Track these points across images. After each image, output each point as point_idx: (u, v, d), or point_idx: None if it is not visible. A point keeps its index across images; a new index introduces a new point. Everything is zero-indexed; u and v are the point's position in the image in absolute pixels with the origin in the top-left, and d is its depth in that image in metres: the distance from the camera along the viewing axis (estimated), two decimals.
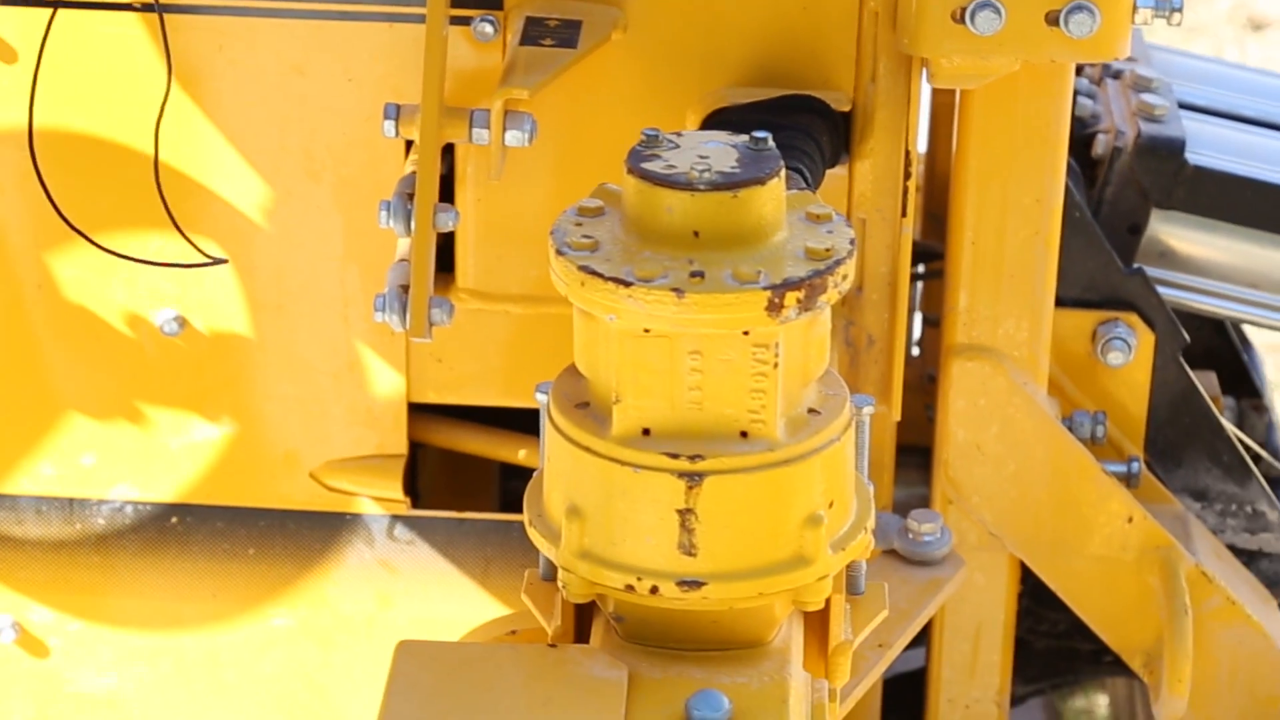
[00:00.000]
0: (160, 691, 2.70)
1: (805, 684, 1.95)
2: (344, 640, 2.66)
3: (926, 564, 2.46)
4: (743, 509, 1.88)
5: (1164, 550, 2.58)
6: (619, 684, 1.90)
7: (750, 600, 1.90)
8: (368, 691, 2.68)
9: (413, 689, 1.89)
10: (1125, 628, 2.62)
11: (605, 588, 1.92)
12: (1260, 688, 2.63)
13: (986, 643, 2.68)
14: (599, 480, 1.90)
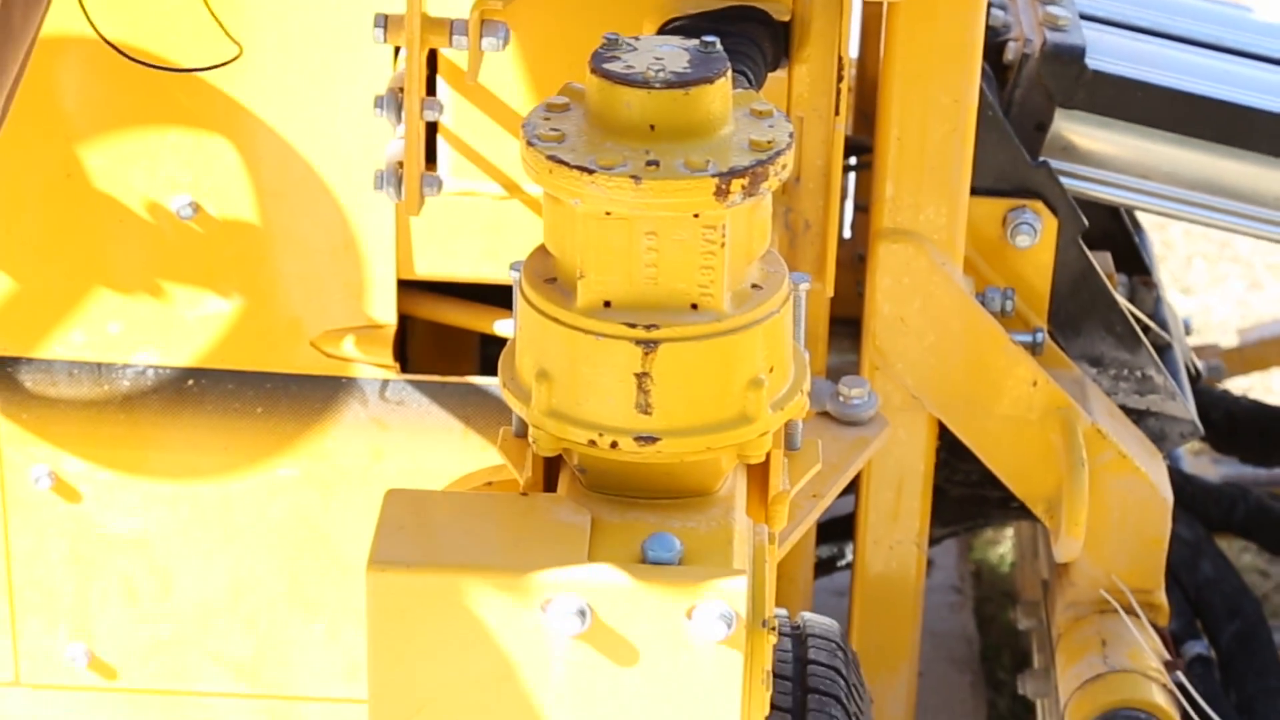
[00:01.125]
0: (180, 533, 2.66)
1: (748, 528, 1.92)
2: (341, 488, 2.63)
3: (855, 424, 2.43)
4: (693, 373, 1.84)
5: (1064, 411, 2.55)
6: (582, 528, 1.87)
7: (699, 454, 1.87)
8: (362, 533, 2.65)
9: (399, 531, 1.86)
10: (1030, 479, 2.59)
11: (570, 443, 1.88)
12: (1146, 530, 2.61)
13: (908, 491, 2.65)
14: (565, 347, 1.86)
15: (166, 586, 2.69)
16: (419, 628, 1.82)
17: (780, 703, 2.26)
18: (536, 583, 1.81)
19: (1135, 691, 2.52)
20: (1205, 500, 2.93)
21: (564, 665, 1.83)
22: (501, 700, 1.84)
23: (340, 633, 2.69)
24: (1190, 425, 2.68)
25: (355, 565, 2.66)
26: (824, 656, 2.32)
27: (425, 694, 1.84)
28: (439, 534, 1.85)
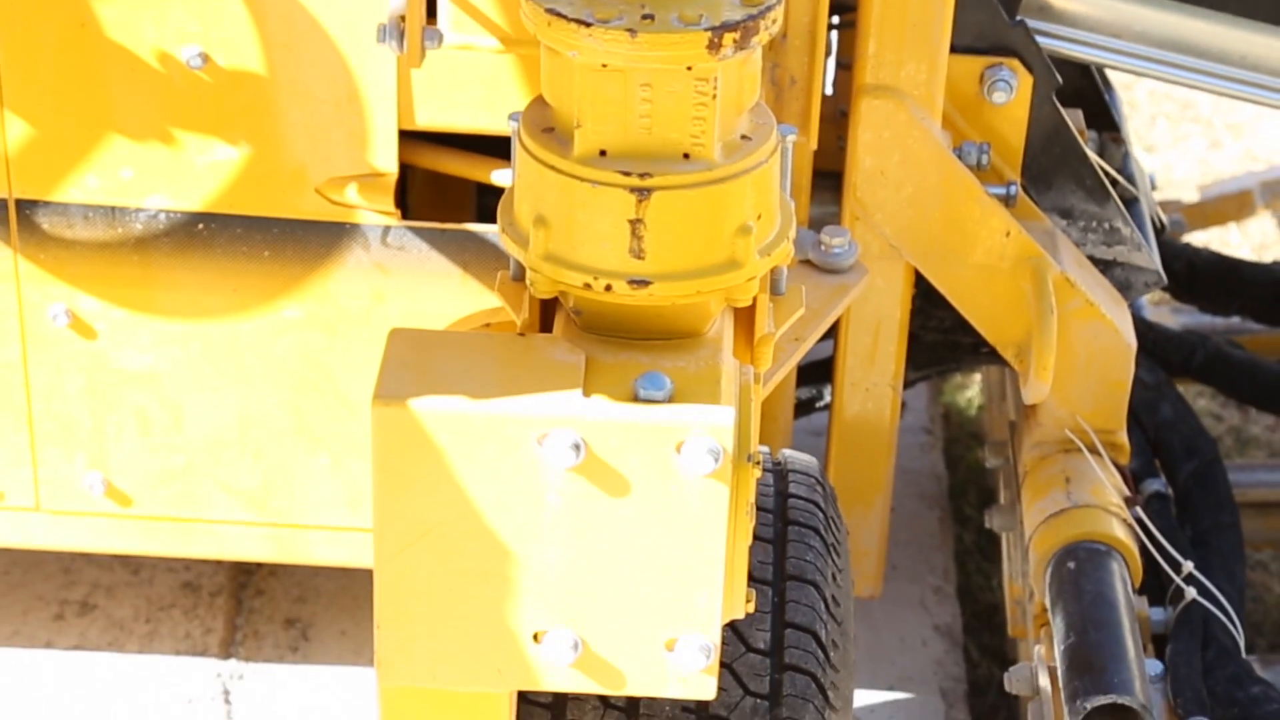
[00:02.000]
0: (190, 369, 2.66)
1: (735, 369, 1.92)
2: (345, 329, 2.63)
3: (836, 272, 2.42)
4: (684, 219, 1.84)
5: (1035, 260, 2.55)
6: (577, 366, 1.87)
7: (690, 297, 1.87)
8: (365, 371, 2.65)
9: (403, 368, 1.86)
10: (1001, 325, 2.60)
11: (566, 285, 1.88)
12: (1109, 374, 2.62)
13: (885, 336, 2.65)
14: (562, 194, 1.85)
15: (178, 420, 2.70)
16: (421, 460, 1.83)
17: (762, 534, 2.28)
18: (533, 418, 1.82)
19: (1097, 525, 2.54)
20: (1166, 346, 2.94)
21: (559, 496, 1.84)
22: (499, 529, 1.85)
23: (344, 465, 2.70)
24: (1154, 275, 2.68)
25: (358, 401, 2.67)
26: (803, 491, 2.33)
27: (427, 523, 1.85)
28: (440, 371, 1.86)
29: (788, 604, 2.17)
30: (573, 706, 2.05)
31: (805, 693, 2.16)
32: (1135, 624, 2.43)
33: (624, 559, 1.86)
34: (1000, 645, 3.20)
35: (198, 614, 3.12)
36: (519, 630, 1.89)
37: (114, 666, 3.02)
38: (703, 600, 1.88)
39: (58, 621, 3.10)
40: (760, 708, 2.11)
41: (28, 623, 3.10)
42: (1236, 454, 3.72)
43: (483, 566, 1.87)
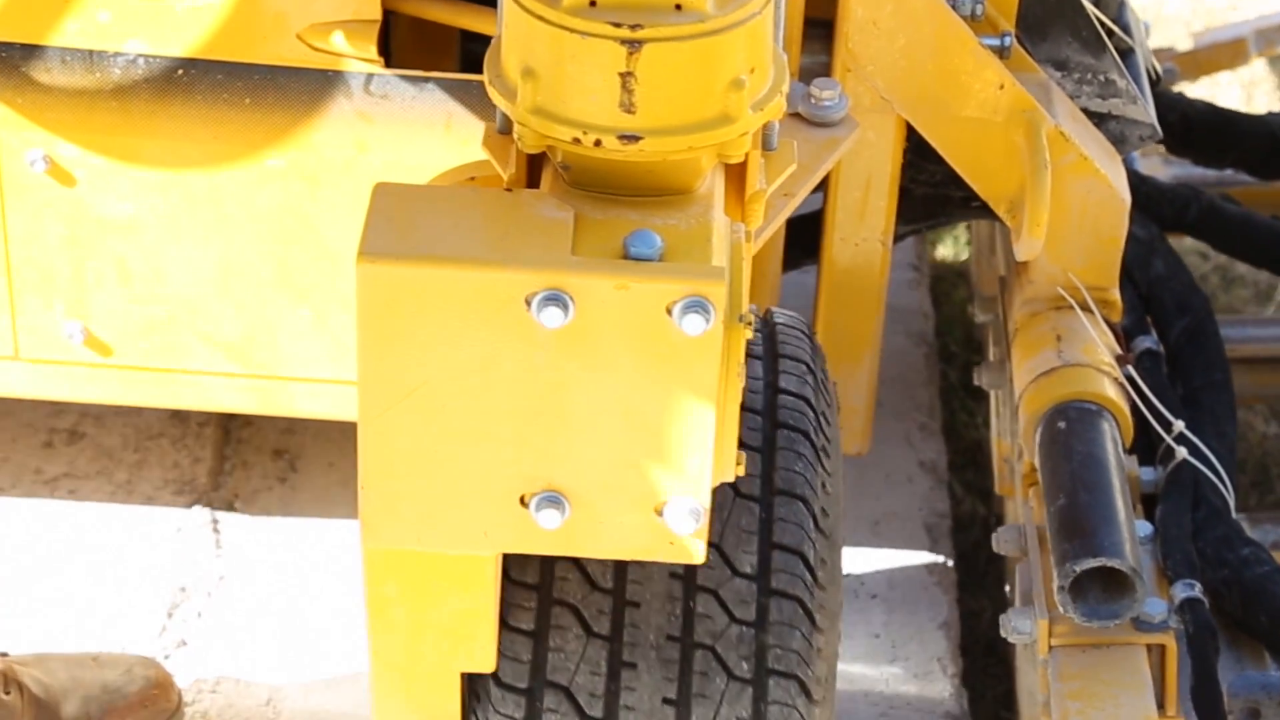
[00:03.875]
0: (171, 218, 2.59)
1: (726, 226, 1.86)
2: (328, 179, 2.55)
3: (826, 125, 2.35)
4: (676, 73, 1.77)
5: (1029, 113, 2.48)
6: (566, 223, 1.81)
7: (681, 153, 1.81)
8: (347, 222, 2.58)
9: (387, 225, 1.80)
10: (993, 179, 2.53)
11: (555, 140, 1.82)
12: (1102, 230, 2.56)
13: (875, 191, 2.59)
14: (550, 45, 1.78)
15: (159, 269, 2.63)
16: (406, 318, 1.77)
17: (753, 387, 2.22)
18: (521, 276, 1.76)
19: (1088, 384, 2.49)
20: (1159, 200, 2.88)
21: (547, 356, 1.79)
22: (487, 389, 1.80)
23: (327, 317, 2.64)
24: (1150, 128, 2.61)
25: (341, 253, 2.60)
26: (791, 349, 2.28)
27: (412, 382, 1.80)
28: (426, 227, 1.80)
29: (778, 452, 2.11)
30: (558, 586, 2.00)
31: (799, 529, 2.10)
32: (1126, 486, 2.39)
33: (612, 420, 1.81)
34: (983, 482, 3.20)
35: (186, 444, 3.09)
36: (505, 492, 1.84)
37: (102, 493, 2.99)
38: (693, 463, 1.83)
39: (46, 449, 3.06)
40: (749, 589, 2.06)
41: (16, 450, 3.06)
42: (1222, 293, 3.68)
43: (468, 427, 1.82)
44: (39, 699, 2.62)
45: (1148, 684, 2.29)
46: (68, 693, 2.64)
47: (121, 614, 2.85)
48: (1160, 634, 2.32)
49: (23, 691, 2.61)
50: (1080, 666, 2.31)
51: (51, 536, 2.92)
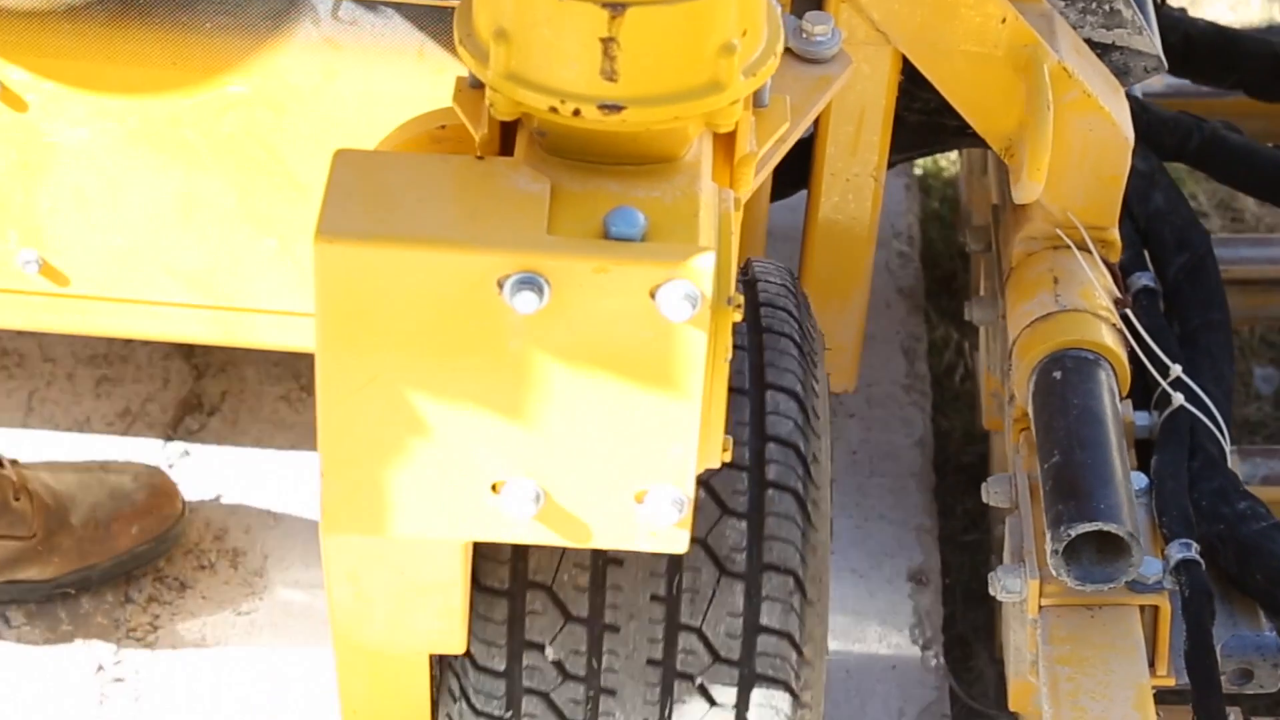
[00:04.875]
0: (127, 145, 2.42)
1: (714, 196, 1.70)
2: (294, 107, 2.38)
3: (818, 62, 2.18)
4: (662, 38, 1.60)
5: (1031, 48, 2.31)
6: (541, 197, 1.65)
7: (666, 123, 1.64)
8: (313, 151, 2.40)
9: (348, 198, 1.64)
10: (991, 115, 2.36)
11: (530, 108, 1.65)
12: (1104, 168, 2.40)
13: (868, 125, 2.42)
14: (526, 6, 1.61)
15: (116, 197, 2.46)
16: (369, 300, 1.62)
17: (737, 341, 2.06)
18: (493, 257, 1.60)
19: (1085, 332, 2.34)
20: (1160, 130, 2.71)
21: (520, 342, 1.63)
22: (455, 375, 1.65)
23: (292, 248, 2.48)
24: (1155, 60, 2.44)
25: (307, 183, 2.43)
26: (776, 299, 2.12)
27: (376, 367, 1.65)
28: (390, 202, 1.63)
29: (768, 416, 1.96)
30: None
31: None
32: (1123, 441, 2.25)
33: (590, 408, 1.66)
34: (957, 309, 3.18)
35: None
36: (476, 480, 1.70)
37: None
38: (676, 452, 1.68)
39: None
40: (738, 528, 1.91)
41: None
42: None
43: (435, 414, 1.67)
44: (48, 505, 2.66)
45: (1140, 648, 2.16)
46: (75, 499, 2.68)
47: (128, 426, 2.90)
48: (1154, 595, 2.19)
49: (32, 498, 2.65)
50: (1071, 629, 2.18)
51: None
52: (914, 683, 2.66)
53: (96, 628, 2.68)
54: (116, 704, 2.61)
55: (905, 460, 2.93)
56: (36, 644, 2.65)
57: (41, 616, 2.67)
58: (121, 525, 2.68)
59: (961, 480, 3.00)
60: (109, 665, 2.65)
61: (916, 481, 2.89)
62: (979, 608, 2.85)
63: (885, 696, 2.65)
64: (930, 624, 2.74)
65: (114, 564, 2.71)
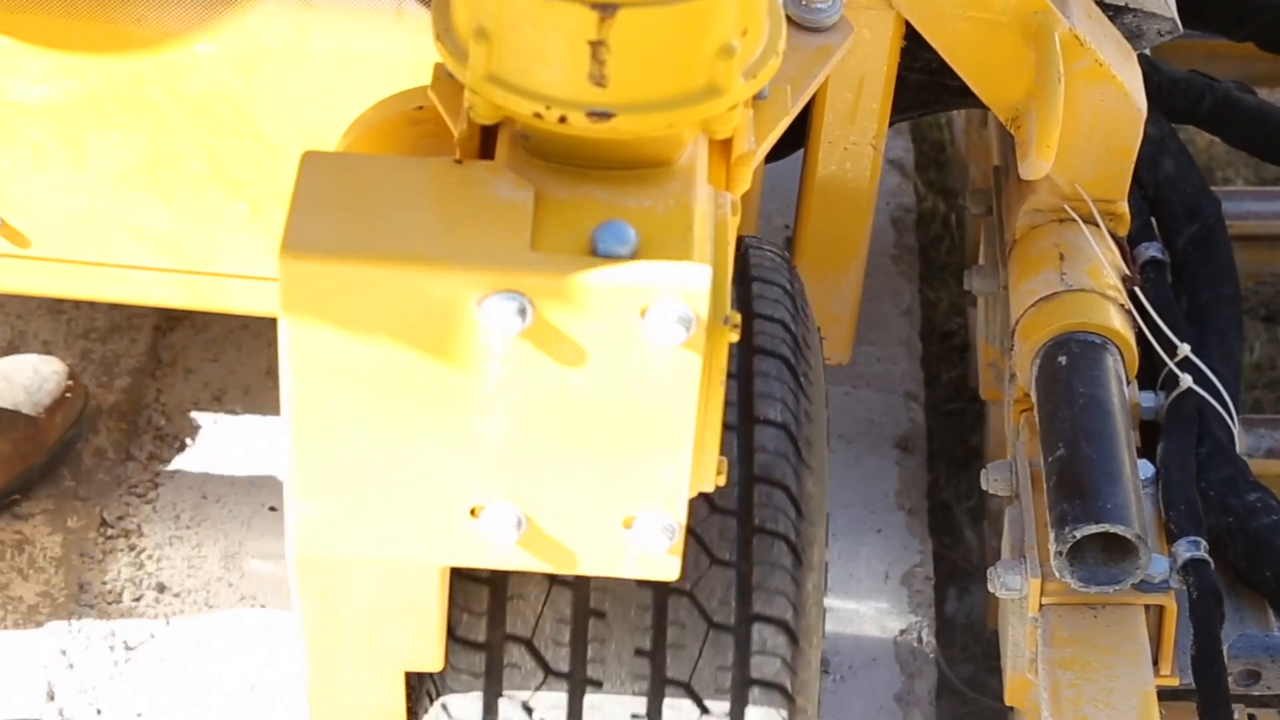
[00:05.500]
0: (90, 103, 2.27)
1: (709, 202, 1.57)
2: (265, 68, 2.23)
3: (818, 30, 2.05)
4: (655, 40, 1.46)
5: (1041, 14, 2.17)
6: (525, 206, 1.52)
7: (660, 130, 1.51)
8: (286, 111, 2.27)
9: (316, 208, 1.50)
10: (998, 84, 2.22)
11: (512, 112, 1.52)
12: (1115, 140, 2.26)
13: (868, 92, 2.28)
14: (508, 4, 1.47)
15: (80, 157, 2.32)
16: (340, 319, 1.49)
17: None
18: (472, 276, 1.47)
19: (1092, 314, 2.21)
20: (1171, 91, 2.57)
21: (501, 364, 1.51)
22: (431, 397, 1.52)
23: (264, 212, 2.34)
24: (1170, 23, 2.30)
25: (279, 146, 2.29)
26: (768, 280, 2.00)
27: (347, 387, 1.52)
28: (362, 212, 1.50)
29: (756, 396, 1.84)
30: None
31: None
32: (1131, 433, 2.13)
33: (576, 432, 1.54)
34: (946, 181, 3.25)
35: None
36: (453, 504, 1.58)
37: None
38: (667, 477, 1.56)
39: None
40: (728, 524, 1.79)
41: None
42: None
43: (411, 437, 1.54)
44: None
45: (1145, 652, 2.05)
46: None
47: None
48: (1160, 595, 2.08)
49: None
50: (1073, 630, 2.07)
51: None
52: (898, 546, 2.66)
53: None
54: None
55: (893, 329, 2.95)
56: None
57: None
58: (47, 419, 2.65)
59: (946, 350, 3.04)
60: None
61: (904, 350, 2.90)
62: (962, 475, 2.87)
63: (869, 559, 2.64)
64: (915, 490, 2.74)
65: (49, 459, 2.67)
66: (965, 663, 2.68)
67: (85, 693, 2.44)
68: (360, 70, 2.22)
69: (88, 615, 2.51)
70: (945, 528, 2.82)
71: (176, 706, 2.43)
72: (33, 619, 2.51)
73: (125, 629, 2.49)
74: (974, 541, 2.79)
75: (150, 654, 2.47)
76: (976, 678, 2.66)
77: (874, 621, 2.59)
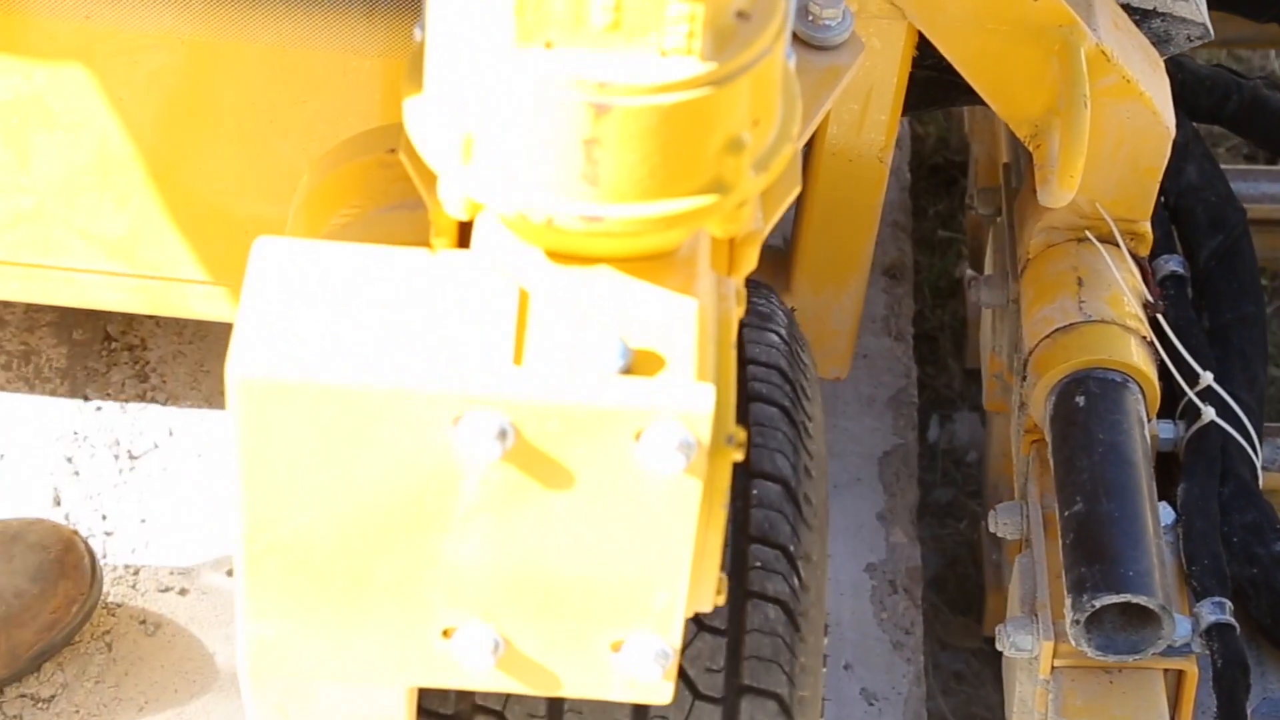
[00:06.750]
0: (37, 103, 2.08)
1: (713, 295, 1.40)
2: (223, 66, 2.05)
3: (827, 49, 1.86)
4: (655, 139, 1.28)
5: (1066, 29, 1.99)
6: (507, 308, 1.34)
7: (658, 231, 1.33)
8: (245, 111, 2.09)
9: (270, 311, 1.32)
10: (1017, 100, 2.04)
11: (495, 211, 1.34)
12: (1141, 160, 2.09)
13: (876, 104, 2.09)
14: (492, 93, 1.29)
15: (22, 157, 2.14)
16: (297, 439, 1.32)
17: None
18: (447, 395, 1.30)
19: (1113, 349, 2.05)
20: (1196, 89, 2.39)
21: (477, 489, 1.34)
22: (399, 520, 1.36)
23: (222, 214, 2.17)
24: (1201, 28, 2.12)
25: (239, 147, 2.11)
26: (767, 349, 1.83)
27: (306, 508, 1.35)
28: (322, 316, 1.32)
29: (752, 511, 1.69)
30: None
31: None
32: (1153, 482, 1.98)
33: (560, 555, 1.37)
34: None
35: None
36: (423, 626, 1.41)
37: None
38: (661, 600, 1.40)
39: None
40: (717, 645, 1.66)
41: None
42: None
43: (376, 557, 1.38)
44: None
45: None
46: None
47: None
48: (1181, 659, 1.94)
49: None
50: (1087, 697, 1.93)
51: None
52: (883, 370, 2.64)
53: None
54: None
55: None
56: None
57: None
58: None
59: (934, 183, 3.00)
60: None
61: (894, 179, 2.78)
62: (946, 304, 2.88)
63: (856, 383, 2.61)
64: (902, 316, 2.70)
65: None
66: (946, 487, 2.68)
67: (91, 499, 2.43)
68: (324, 66, 2.04)
69: (92, 425, 2.49)
70: (930, 358, 2.81)
71: (179, 512, 2.43)
72: (38, 427, 2.48)
73: (129, 438, 2.48)
74: (957, 370, 2.80)
75: (153, 463, 2.46)
76: (957, 501, 2.67)
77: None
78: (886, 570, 2.36)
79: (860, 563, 2.37)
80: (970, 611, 2.52)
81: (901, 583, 2.34)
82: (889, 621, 2.31)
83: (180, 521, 2.43)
